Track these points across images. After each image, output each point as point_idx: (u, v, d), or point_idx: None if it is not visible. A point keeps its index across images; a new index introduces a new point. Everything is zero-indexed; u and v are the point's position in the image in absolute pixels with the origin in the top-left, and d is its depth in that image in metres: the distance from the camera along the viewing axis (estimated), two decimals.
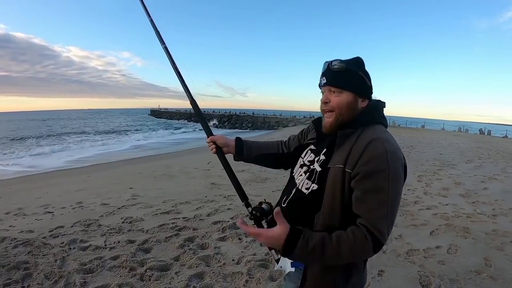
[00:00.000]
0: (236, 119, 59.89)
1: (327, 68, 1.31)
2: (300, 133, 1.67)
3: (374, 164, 1.15)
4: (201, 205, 5.53)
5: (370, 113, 1.31)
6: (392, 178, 1.14)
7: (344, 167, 1.20)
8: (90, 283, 2.99)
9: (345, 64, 1.28)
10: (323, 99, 1.33)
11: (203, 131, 1.76)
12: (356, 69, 1.29)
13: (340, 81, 1.28)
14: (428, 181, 7.70)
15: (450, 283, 3.06)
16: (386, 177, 1.14)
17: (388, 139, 1.21)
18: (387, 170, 1.14)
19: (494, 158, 12.32)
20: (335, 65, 1.29)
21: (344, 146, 1.25)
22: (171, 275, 3.15)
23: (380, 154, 1.15)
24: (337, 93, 1.29)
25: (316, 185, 1.30)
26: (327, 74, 1.31)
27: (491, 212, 5.23)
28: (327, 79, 1.30)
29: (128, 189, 7.05)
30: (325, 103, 1.32)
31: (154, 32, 1.82)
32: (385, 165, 1.14)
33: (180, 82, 1.75)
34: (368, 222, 1.14)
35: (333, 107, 1.30)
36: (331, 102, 1.30)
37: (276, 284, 2.96)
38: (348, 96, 1.28)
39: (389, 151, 1.16)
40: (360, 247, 1.13)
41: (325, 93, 1.34)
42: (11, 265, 3.24)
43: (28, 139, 31.93)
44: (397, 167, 1.16)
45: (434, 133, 29.73)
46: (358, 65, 1.31)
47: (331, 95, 1.31)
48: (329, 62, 1.31)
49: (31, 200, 6.36)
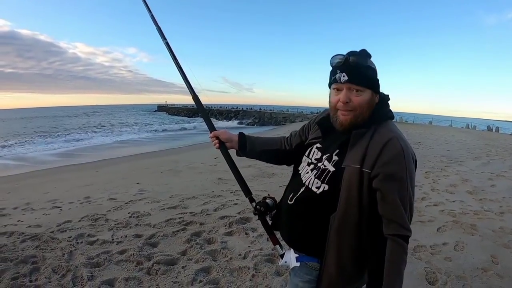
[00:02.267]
0: (243, 115, 59.91)
1: (345, 63, 1.24)
2: (301, 130, 1.65)
3: (394, 166, 1.17)
4: (208, 200, 5.55)
5: (382, 109, 1.31)
6: (410, 176, 1.18)
7: (361, 167, 1.19)
8: (97, 277, 3.02)
9: (362, 58, 1.24)
10: (344, 99, 1.25)
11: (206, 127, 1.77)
12: (370, 64, 1.26)
13: (363, 79, 1.24)
14: (436, 177, 7.65)
15: (457, 280, 3.05)
16: (406, 178, 1.17)
17: (401, 136, 1.23)
18: (405, 170, 1.17)
19: (502, 155, 12.20)
20: (356, 59, 1.23)
21: (358, 145, 1.23)
22: (178, 269, 3.17)
23: (398, 154, 1.17)
24: (359, 91, 1.24)
25: (327, 185, 1.29)
26: (348, 70, 1.23)
27: (499, 210, 5.18)
28: (349, 76, 1.23)
29: (135, 184, 7.09)
30: (345, 103, 1.25)
31: (155, 27, 1.83)
32: (403, 164, 1.17)
33: (181, 77, 1.75)
34: (397, 226, 1.18)
35: (354, 107, 1.25)
36: (352, 102, 1.25)
37: (282, 278, 2.97)
38: (368, 94, 1.26)
39: (405, 150, 1.18)
40: (404, 252, 1.18)
41: (344, 91, 1.25)
42: (19, 259, 3.28)
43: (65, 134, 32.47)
44: (412, 164, 1.21)
45: (441, 129, 29.50)
46: (370, 58, 1.27)
47: (351, 94, 1.24)
48: (347, 56, 1.24)
49: (39, 195, 6.43)
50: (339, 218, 1.23)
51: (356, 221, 1.22)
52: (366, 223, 1.22)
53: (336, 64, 1.27)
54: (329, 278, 1.28)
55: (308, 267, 1.36)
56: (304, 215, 1.35)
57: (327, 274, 1.28)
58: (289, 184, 1.53)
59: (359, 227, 1.23)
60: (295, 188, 1.43)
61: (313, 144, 1.47)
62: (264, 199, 1.56)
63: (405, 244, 1.17)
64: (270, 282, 2.94)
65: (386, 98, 1.36)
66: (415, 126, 32.51)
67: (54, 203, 5.66)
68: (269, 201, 1.55)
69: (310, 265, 1.36)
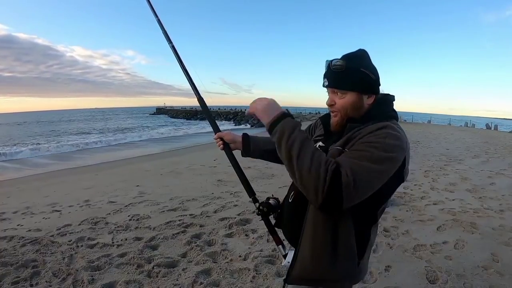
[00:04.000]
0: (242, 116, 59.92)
1: (327, 69, 1.30)
2: (308, 129, 1.66)
3: (372, 137, 1.14)
4: (208, 202, 5.55)
5: (378, 108, 1.30)
6: (380, 154, 1.09)
7: (343, 148, 1.20)
8: (98, 280, 3.01)
9: (346, 62, 1.25)
10: (328, 102, 1.33)
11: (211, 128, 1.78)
12: (357, 66, 1.26)
13: (342, 83, 1.27)
14: (435, 176, 7.66)
15: (457, 279, 3.05)
16: (375, 152, 1.09)
17: (397, 129, 1.18)
18: (379, 146, 1.10)
19: (501, 153, 12.22)
20: (335, 64, 1.26)
21: (348, 134, 1.24)
22: (179, 272, 3.17)
23: (381, 133, 1.14)
24: (341, 94, 1.28)
25: None
26: (329, 75, 1.30)
27: (498, 208, 5.19)
28: (329, 81, 1.30)
29: (135, 186, 7.09)
30: (330, 105, 1.32)
31: (161, 31, 1.83)
32: (380, 141, 1.11)
33: (187, 80, 1.75)
34: (341, 163, 1.07)
35: (338, 109, 1.30)
36: (336, 104, 1.30)
37: (283, 279, 2.97)
38: (352, 96, 1.27)
39: (390, 135, 1.14)
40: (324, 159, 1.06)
41: (329, 94, 1.33)
42: (19, 264, 3.28)
43: None
44: (392, 149, 1.11)
45: (440, 128, 29.54)
46: (360, 59, 1.28)
47: (335, 97, 1.31)
48: (330, 62, 1.29)
49: (39, 199, 6.42)
50: None
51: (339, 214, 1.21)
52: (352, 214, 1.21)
53: (324, 70, 1.33)
54: (302, 261, 1.29)
55: None
56: (303, 213, 1.35)
57: (301, 258, 1.29)
58: (291, 183, 1.54)
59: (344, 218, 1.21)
60: (294, 185, 1.44)
61: (317, 142, 1.47)
62: (267, 199, 1.57)
63: (333, 161, 1.06)
64: (271, 283, 2.95)
65: (390, 99, 1.36)
66: (413, 125, 32.56)
67: (54, 206, 5.65)
68: (273, 202, 1.56)
69: None
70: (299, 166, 1.06)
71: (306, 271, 1.29)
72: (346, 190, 1.01)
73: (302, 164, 1.05)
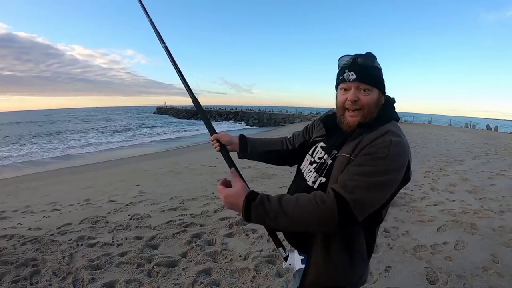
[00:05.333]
0: (242, 116, 59.97)
1: (353, 63, 1.25)
2: (305, 129, 1.64)
3: (374, 148, 1.14)
4: (208, 202, 5.55)
5: (387, 110, 1.31)
6: (386, 167, 1.11)
7: (350, 156, 1.19)
8: (98, 279, 3.01)
9: (369, 59, 1.25)
10: (352, 98, 1.25)
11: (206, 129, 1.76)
12: (377, 65, 1.27)
13: (371, 78, 1.25)
14: (435, 177, 7.66)
15: (457, 279, 3.05)
16: (380, 164, 1.11)
17: (398, 134, 1.20)
18: (384, 158, 1.11)
19: (502, 154, 12.21)
20: (363, 60, 1.24)
21: (355, 139, 1.23)
22: (179, 271, 3.17)
23: (383, 143, 1.14)
24: (367, 91, 1.25)
25: (324, 178, 1.29)
26: (356, 69, 1.25)
27: (499, 208, 5.19)
28: (358, 75, 1.24)
29: (135, 186, 7.10)
30: (354, 102, 1.25)
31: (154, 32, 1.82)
32: (385, 152, 1.12)
33: (181, 81, 1.74)
34: (339, 186, 1.11)
35: (362, 106, 1.25)
36: (360, 101, 1.25)
37: (283, 279, 2.96)
38: (376, 94, 1.26)
39: (393, 143, 1.14)
40: (322, 208, 1.08)
41: (352, 90, 1.26)
42: (19, 262, 3.28)
43: None
44: (397, 159, 1.14)
45: (441, 128, 29.54)
46: (376, 60, 1.28)
47: (359, 93, 1.25)
48: (355, 57, 1.26)
49: (39, 198, 6.43)
50: None
51: None
52: None
53: (344, 64, 1.29)
54: (317, 268, 1.27)
55: None
56: None
57: (314, 265, 1.28)
58: (292, 183, 1.53)
59: None
60: (297, 186, 1.44)
61: (317, 142, 1.46)
62: None
63: (335, 199, 1.08)
64: (271, 283, 2.94)
65: (392, 100, 1.36)
66: (414, 126, 32.56)
67: (54, 205, 5.66)
68: None
69: None
70: (301, 222, 1.11)
71: (322, 277, 1.28)
72: (355, 209, 1.08)
73: (302, 218, 1.10)
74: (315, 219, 1.09)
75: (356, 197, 1.08)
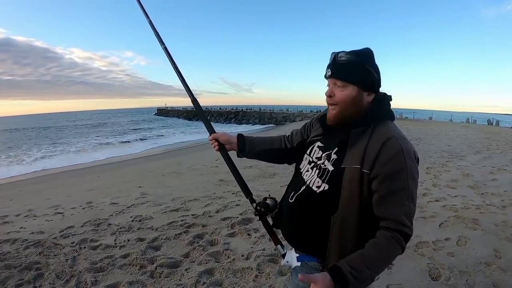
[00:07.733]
0: (243, 115, 59.92)
1: (333, 60, 1.29)
2: (303, 128, 1.64)
3: (393, 165, 1.16)
4: (210, 202, 5.55)
5: (379, 108, 1.30)
6: (411, 176, 1.17)
7: (361, 168, 1.20)
8: (101, 282, 3.02)
9: (352, 56, 1.26)
10: (328, 93, 1.31)
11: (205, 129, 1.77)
12: (362, 62, 1.27)
13: (345, 74, 1.26)
14: (437, 173, 7.65)
15: (460, 275, 3.05)
16: (405, 177, 1.17)
17: (400, 135, 1.23)
18: (405, 169, 1.16)
19: (503, 148, 12.17)
20: (341, 56, 1.27)
21: (357, 145, 1.24)
22: (181, 272, 3.18)
23: (397, 154, 1.17)
24: (342, 87, 1.27)
25: (327, 185, 1.29)
26: (333, 65, 1.29)
27: (501, 204, 5.18)
28: (332, 71, 1.29)
29: (137, 187, 7.10)
30: (329, 97, 1.31)
31: (153, 33, 1.83)
32: (403, 164, 1.16)
33: (180, 81, 1.75)
34: (393, 223, 1.17)
35: (337, 102, 1.29)
36: (335, 96, 1.29)
37: (285, 278, 2.97)
38: (353, 90, 1.27)
39: (404, 149, 1.18)
40: (395, 248, 1.17)
41: (330, 86, 1.32)
42: (22, 266, 3.29)
43: None
44: (413, 164, 1.20)
45: (442, 124, 29.46)
46: (365, 57, 1.28)
47: (335, 89, 1.29)
48: (336, 54, 1.29)
49: (41, 201, 6.44)
50: (341, 218, 1.23)
51: (357, 221, 1.22)
52: (368, 223, 1.22)
53: (329, 61, 1.33)
54: None
55: (309, 267, 1.35)
56: (304, 214, 1.35)
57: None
58: (290, 183, 1.53)
59: (361, 227, 1.23)
60: (296, 186, 1.43)
61: (315, 142, 1.47)
62: (264, 199, 1.56)
63: (402, 239, 1.17)
64: (273, 282, 2.95)
65: (387, 98, 1.36)
66: (415, 122, 32.49)
67: (56, 209, 5.67)
68: (270, 202, 1.55)
69: (310, 264, 1.35)
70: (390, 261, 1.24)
71: None
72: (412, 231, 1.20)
73: (386, 265, 1.26)
74: (393, 258, 1.22)
75: (411, 220, 1.20)
